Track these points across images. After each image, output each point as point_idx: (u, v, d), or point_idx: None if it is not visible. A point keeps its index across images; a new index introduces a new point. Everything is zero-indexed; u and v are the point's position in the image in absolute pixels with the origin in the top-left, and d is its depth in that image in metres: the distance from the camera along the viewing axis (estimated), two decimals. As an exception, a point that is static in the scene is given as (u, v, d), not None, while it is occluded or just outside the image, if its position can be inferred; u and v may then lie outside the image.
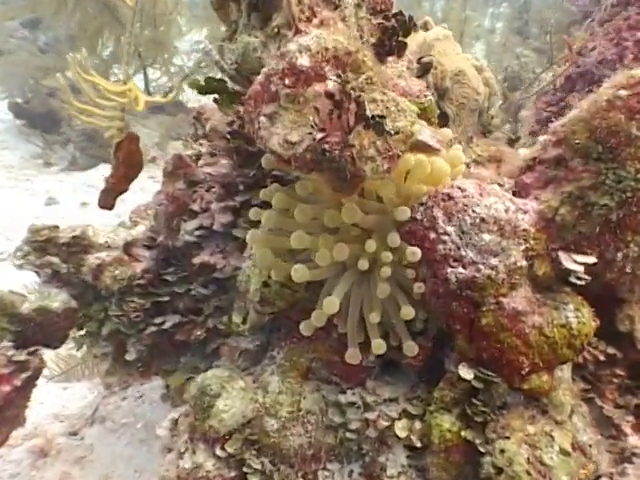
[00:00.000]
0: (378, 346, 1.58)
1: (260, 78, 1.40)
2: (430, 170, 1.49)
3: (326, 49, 1.32)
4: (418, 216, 1.47)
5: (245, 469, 1.81)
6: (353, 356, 1.66)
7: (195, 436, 1.88)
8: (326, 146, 1.19)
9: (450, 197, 1.44)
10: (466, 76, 2.03)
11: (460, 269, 1.41)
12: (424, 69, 1.84)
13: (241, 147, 1.92)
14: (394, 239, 1.45)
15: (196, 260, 2.06)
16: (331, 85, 1.29)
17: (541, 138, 1.52)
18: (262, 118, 1.35)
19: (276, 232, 1.67)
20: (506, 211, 1.43)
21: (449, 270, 1.42)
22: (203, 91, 1.73)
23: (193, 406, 1.83)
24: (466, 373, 1.50)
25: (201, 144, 2.70)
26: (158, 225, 2.33)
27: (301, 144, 1.28)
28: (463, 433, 1.57)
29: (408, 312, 1.54)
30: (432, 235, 1.44)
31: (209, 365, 2.37)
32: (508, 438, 1.46)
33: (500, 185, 1.63)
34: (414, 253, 1.43)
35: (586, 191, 1.38)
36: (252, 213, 1.66)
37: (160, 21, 7.19)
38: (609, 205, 1.35)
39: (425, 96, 1.66)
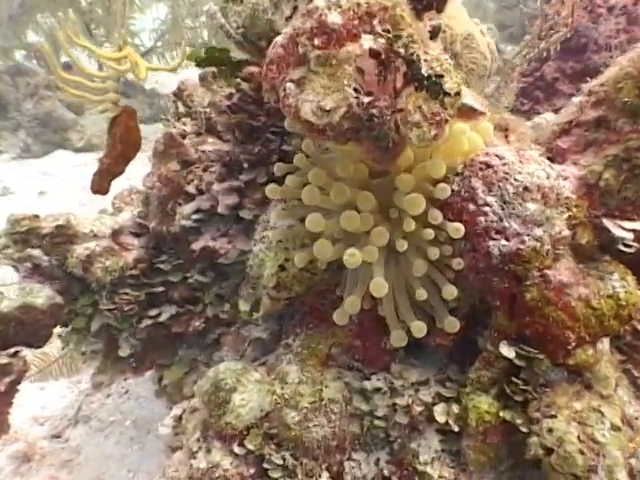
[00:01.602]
0: (418, 328, 1.48)
1: (282, 40, 1.26)
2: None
3: (358, 4, 1.19)
4: (455, 187, 1.37)
5: (265, 465, 1.70)
6: (399, 338, 1.54)
7: (209, 434, 1.75)
8: (374, 111, 1.07)
9: (489, 165, 1.35)
10: (475, 40, 1.93)
11: (503, 241, 1.32)
12: (433, 32, 1.73)
13: (243, 122, 1.77)
14: (435, 215, 1.35)
15: (196, 246, 1.92)
16: (369, 44, 1.17)
17: (575, 99, 1.43)
18: (288, 84, 1.22)
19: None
20: (548, 178, 1.34)
21: (491, 243, 1.33)
22: (204, 63, 1.58)
23: (207, 402, 1.70)
24: (508, 351, 1.43)
25: (184, 123, 2.54)
26: (148, 210, 2.17)
27: (337, 111, 1.16)
28: (502, 414, 1.50)
29: (451, 291, 1.45)
30: (471, 207, 1.34)
31: (209, 357, 2.24)
32: (555, 416, 1.40)
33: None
34: (457, 229, 1.32)
35: (633, 153, 1.31)
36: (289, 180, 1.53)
37: (113, -4, 6.82)
38: (660, 167, 1.28)
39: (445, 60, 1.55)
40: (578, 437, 1.35)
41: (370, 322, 1.66)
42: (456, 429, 1.54)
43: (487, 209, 1.32)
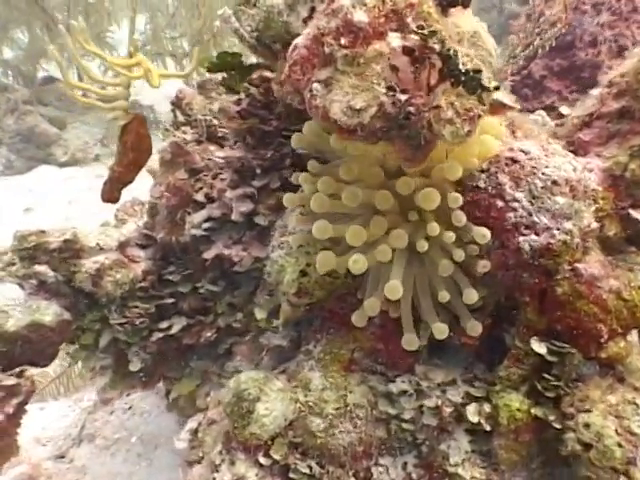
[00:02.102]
0: (440, 330, 1.46)
1: (304, 41, 1.24)
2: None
3: (383, 2, 1.17)
4: (481, 184, 1.36)
5: (292, 475, 1.67)
6: (410, 342, 1.53)
7: (232, 445, 1.71)
8: (411, 109, 1.05)
9: (515, 161, 1.34)
10: (481, 38, 1.92)
11: (533, 236, 1.31)
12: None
13: (254, 127, 1.74)
14: (459, 218, 1.33)
15: (208, 254, 1.88)
16: (397, 42, 1.15)
17: (594, 92, 1.43)
18: (315, 85, 1.19)
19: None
20: (574, 171, 1.34)
21: (521, 239, 1.32)
22: (216, 68, 1.55)
23: (230, 413, 1.66)
24: (539, 347, 1.41)
25: (184, 132, 2.50)
26: (154, 221, 2.12)
27: (368, 110, 1.14)
28: (533, 411, 1.49)
29: (472, 296, 1.43)
30: (499, 203, 1.33)
31: (221, 368, 2.20)
32: (590, 411, 1.39)
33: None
34: (484, 235, 1.31)
35: (660, 143, 1.31)
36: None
37: (92, 9, 6.75)
38: (688, 156, 1.28)
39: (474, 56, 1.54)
40: (616, 431, 1.34)
41: (393, 324, 1.64)
42: (488, 428, 1.52)
43: (516, 205, 1.31)
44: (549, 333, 1.43)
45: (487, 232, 1.33)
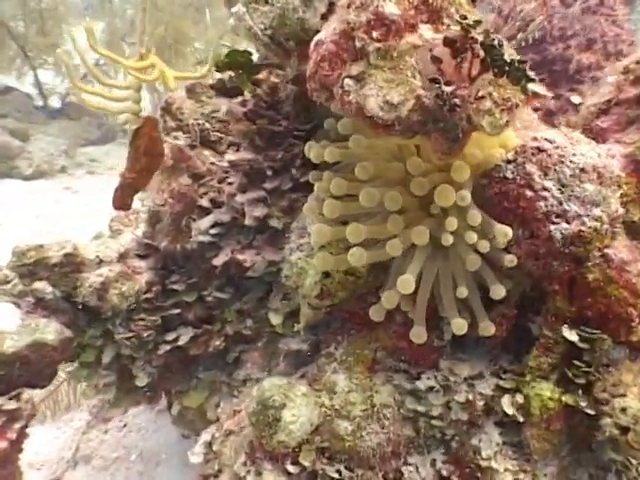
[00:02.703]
0: (459, 326, 1.45)
1: (331, 36, 1.21)
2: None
3: (412, -6, 1.16)
4: (509, 175, 1.36)
5: (321, 480, 1.64)
6: (419, 334, 1.50)
7: (257, 456, 1.67)
8: (457, 100, 1.04)
9: (541, 150, 1.34)
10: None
11: (564, 224, 1.31)
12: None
13: (263, 128, 1.71)
14: (475, 218, 1.33)
15: (217, 261, 1.83)
16: (429, 34, 1.14)
17: (610, 79, 1.45)
18: (347, 81, 1.17)
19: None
20: (600, 157, 1.35)
21: (552, 227, 1.32)
22: (225, 67, 1.51)
23: (256, 423, 1.62)
24: (570, 334, 1.42)
25: (176, 137, 2.44)
26: (154, 230, 2.06)
27: (405, 104, 1.12)
28: (564, 398, 1.49)
29: (499, 291, 1.43)
30: (528, 193, 1.33)
31: (230, 377, 2.15)
32: (625, 395, 1.40)
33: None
34: (506, 234, 1.31)
35: (681, 127, 1.33)
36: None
37: (48, 16, 6.56)
38: None
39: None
40: (652, 412, 1.35)
41: (416, 321, 1.62)
42: (521, 419, 1.52)
43: (546, 194, 1.31)
44: (578, 320, 1.44)
45: (509, 230, 1.33)
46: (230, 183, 1.80)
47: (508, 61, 0.99)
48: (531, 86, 1.16)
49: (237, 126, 1.71)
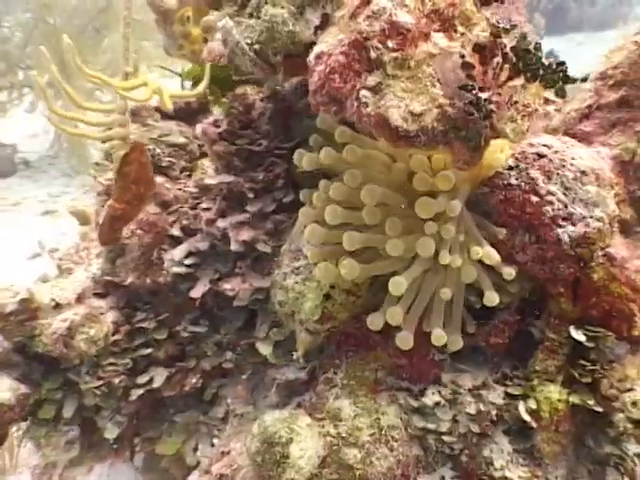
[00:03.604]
0: (436, 337, 1.43)
1: (338, 47, 1.17)
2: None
3: (422, 2, 1.14)
4: (513, 181, 1.36)
5: (333, 516, 1.55)
6: (405, 340, 1.45)
7: (262, 498, 1.56)
8: (493, 107, 1.02)
9: (541, 155, 1.36)
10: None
11: (570, 227, 1.33)
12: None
13: (241, 149, 1.62)
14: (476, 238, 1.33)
15: (195, 292, 1.71)
16: (443, 42, 1.12)
17: (587, 85, 1.50)
18: (364, 92, 1.13)
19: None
20: (594, 159, 1.39)
21: (560, 231, 1.33)
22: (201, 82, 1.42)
23: (261, 463, 1.51)
24: (577, 334, 1.44)
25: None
26: (114, 266, 1.90)
27: (428, 114, 1.09)
28: (571, 399, 1.51)
29: (493, 299, 1.43)
30: (534, 198, 1.34)
31: (208, 417, 2.01)
32: (634, 389, 1.43)
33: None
34: (510, 274, 1.33)
35: (663, 127, 1.40)
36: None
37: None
38: (690, 135, 1.38)
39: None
40: (663, 403, 1.39)
41: (418, 337, 1.59)
42: (534, 425, 1.51)
43: (552, 198, 1.33)
44: (581, 320, 1.46)
45: (496, 256, 1.34)
46: (206, 209, 1.68)
47: (546, 64, 0.99)
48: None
49: (217, 147, 1.61)
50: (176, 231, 1.76)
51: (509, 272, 1.41)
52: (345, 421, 1.58)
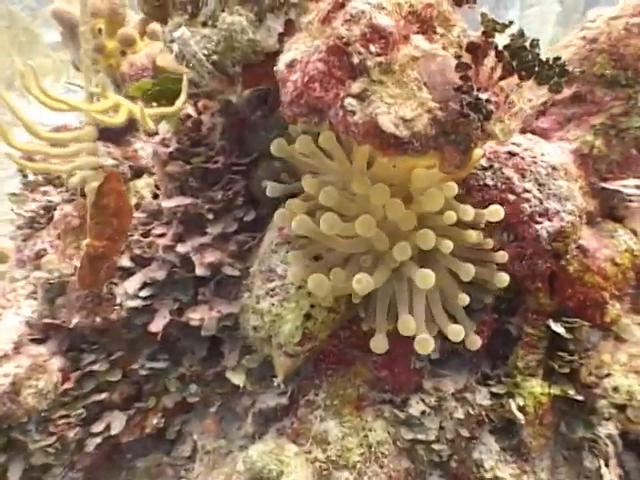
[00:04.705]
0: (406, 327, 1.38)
1: (316, 55, 1.10)
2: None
3: (399, 4, 1.10)
4: (489, 182, 1.36)
5: None
6: (380, 343, 1.40)
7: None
8: (491, 107, 0.99)
9: (513, 153, 1.37)
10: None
11: (547, 223, 1.35)
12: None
13: (196, 168, 1.50)
14: (468, 212, 1.30)
15: (155, 326, 1.57)
16: (424, 45, 1.09)
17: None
18: (349, 100, 1.07)
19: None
20: (559, 154, 1.41)
21: (538, 227, 1.34)
22: (153, 97, 1.30)
23: (253, 502, 1.40)
24: (556, 327, 1.46)
25: (45, 192, 2.09)
26: (53, 307, 1.71)
27: (419, 119, 1.05)
28: (552, 391, 1.53)
29: (463, 298, 1.41)
30: (511, 197, 1.34)
31: (172, 457, 1.87)
32: (610, 374, 1.47)
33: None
34: (497, 210, 1.30)
35: (617, 118, 1.45)
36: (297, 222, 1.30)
37: None
38: (643, 126, 1.44)
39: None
40: (641, 385, 1.44)
41: (395, 346, 1.55)
42: (523, 421, 1.51)
43: (528, 195, 1.33)
44: (558, 313, 1.48)
45: (500, 207, 1.32)
46: (161, 235, 1.55)
47: (544, 60, 0.97)
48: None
49: (171, 168, 1.48)
50: (126, 262, 1.61)
51: (502, 255, 1.37)
52: (333, 443, 1.51)
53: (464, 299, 1.37)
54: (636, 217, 1.60)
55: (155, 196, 1.83)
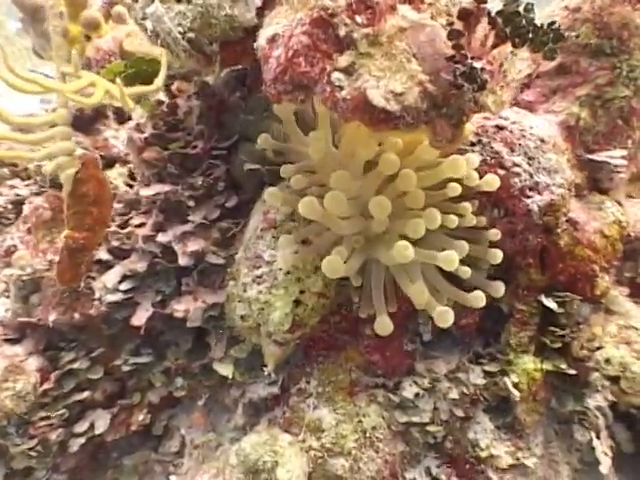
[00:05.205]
0: (443, 316, 1.33)
1: (299, 28, 1.05)
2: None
3: (384, -27, 1.05)
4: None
5: (327, 533, 1.45)
6: (384, 325, 1.32)
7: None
8: (486, 76, 0.95)
9: (501, 127, 1.34)
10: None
11: (537, 196, 1.33)
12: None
13: (174, 154, 1.44)
14: (472, 177, 1.26)
15: (138, 319, 1.51)
16: (411, 14, 1.05)
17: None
18: (336, 75, 1.02)
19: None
20: (546, 126, 1.39)
21: (529, 201, 1.32)
22: (127, 79, 1.24)
23: (248, 495, 1.37)
24: (549, 302, 1.45)
25: (13, 186, 2.00)
26: (28, 305, 1.64)
27: (409, 92, 1.01)
28: (544, 366, 1.52)
29: (465, 271, 1.37)
30: (501, 172, 1.32)
31: (160, 453, 1.82)
32: (602, 347, 1.47)
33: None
34: (493, 179, 1.27)
35: (603, 88, 1.43)
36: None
37: None
38: (628, 95, 1.42)
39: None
40: (635, 357, 1.44)
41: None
42: (517, 398, 1.50)
43: (518, 169, 1.31)
44: (549, 288, 1.47)
45: (495, 177, 1.28)
46: (140, 224, 1.48)
47: (538, 26, 0.94)
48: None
49: (145, 155, 1.41)
50: (104, 254, 1.54)
51: (495, 233, 1.34)
52: (328, 431, 1.48)
53: (466, 271, 1.31)
54: (620, 189, 1.59)
55: (129, 187, 1.76)
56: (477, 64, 0.94)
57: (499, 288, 1.34)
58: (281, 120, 1.34)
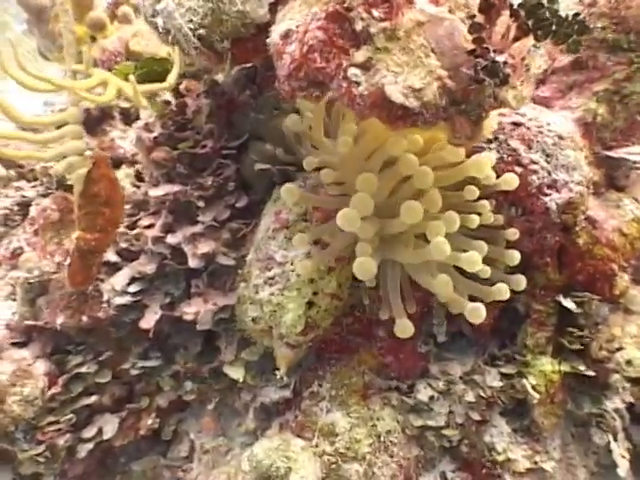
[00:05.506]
0: (475, 312, 1.29)
1: (314, 22, 1.02)
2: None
3: (399, -35, 1.02)
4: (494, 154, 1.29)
5: (342, 540, 1.42)
6: (405, 327, 1.26)
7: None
8: (509, 71, 0.93)
9: (517, 124, 1.31)
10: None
11: (556, 194, 1.30)
12: None
13: (184, 153, 1.41)
14: (490, 177, 1.23)
15: (146, 322, 1.48)
16: (430, 8, 1.02)
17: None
18: (353, 71, 0.99)
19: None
20: (564, 123, 1.36)
21: (547, 199, 1.29)
22: (139, 80, 1.21)
23: (261, 502, 1.34)
24: (567, 302, 1.42)
25: (19, 188, 1.98)
26: (35, 308, 1.61)
27: (428, 88, 0.98)
28: (562, 368, 1.49)
29: (486, 270, 1.33)
30: (518, 169, 1.29)
31: (169, 458, 1.79)
32: (622, 348, 1.44)
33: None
34: (512, 178, 1.23)
35: (621, 84, 1.40)
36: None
37: None
38: (647, 90, 1.39)
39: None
40: (656, 357, 1.41)
41: (400, 331, 1.49)
42: (535, 400, 1.47)
43: (535, 167, 1.28)
44: (567, 288, 1.44)
45: (514, 176, 1.25)
46: (149, 226, 1.46)
47: (562, 17, 0.91)
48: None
49: (154, 155, 1.39)
50: (112, 256, 1.52)
51: (514, 232, 1.30)
52: (341, 435, 1.45)
53: (486, 271, 1.28)
54: (637, 185, 1.56)
55: (136, 187, 1.73)
56: (499, 58, 0.91)
57: (520, 281, 1.30)
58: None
